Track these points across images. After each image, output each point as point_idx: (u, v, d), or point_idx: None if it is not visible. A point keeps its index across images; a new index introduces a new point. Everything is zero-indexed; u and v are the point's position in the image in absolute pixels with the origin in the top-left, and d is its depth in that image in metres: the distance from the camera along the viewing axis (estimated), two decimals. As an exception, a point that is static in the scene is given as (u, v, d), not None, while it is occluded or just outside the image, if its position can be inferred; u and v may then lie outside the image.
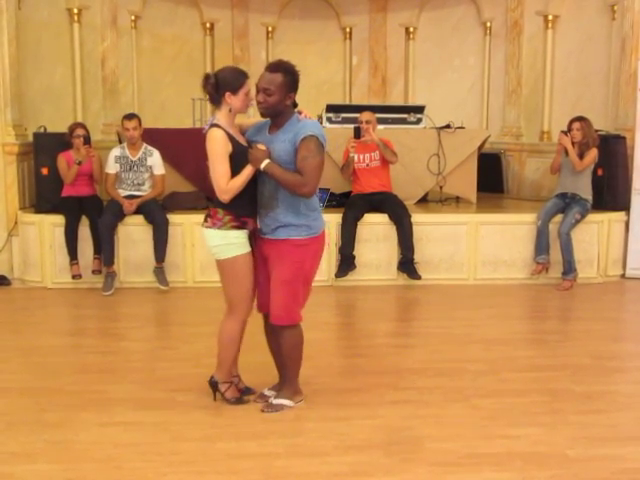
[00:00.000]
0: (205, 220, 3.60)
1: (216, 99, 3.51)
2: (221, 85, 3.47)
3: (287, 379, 3.74)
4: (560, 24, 8.27)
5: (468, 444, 3.34)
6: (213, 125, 3.48)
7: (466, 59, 9.15)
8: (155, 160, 6.44)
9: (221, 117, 3.52)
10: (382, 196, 6.55)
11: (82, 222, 6.26)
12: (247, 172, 3.45)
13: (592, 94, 7.87)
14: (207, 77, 3.50)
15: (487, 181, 7.97)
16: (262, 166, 3.41)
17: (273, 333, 3.69)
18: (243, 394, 3.81)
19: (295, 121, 3.48)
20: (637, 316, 5.89)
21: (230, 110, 3.50)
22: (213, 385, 3.76)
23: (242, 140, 3.56)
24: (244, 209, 3.54)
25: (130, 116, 6.40)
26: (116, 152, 6.41)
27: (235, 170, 3.45)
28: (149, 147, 6.45)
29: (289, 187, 3.41)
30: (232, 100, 3.48)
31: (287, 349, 3.64)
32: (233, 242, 3.52)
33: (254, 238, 3.62)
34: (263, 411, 3.65)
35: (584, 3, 8.02)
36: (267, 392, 3.85)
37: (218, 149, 3.44)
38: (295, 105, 3.51)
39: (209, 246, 3.60)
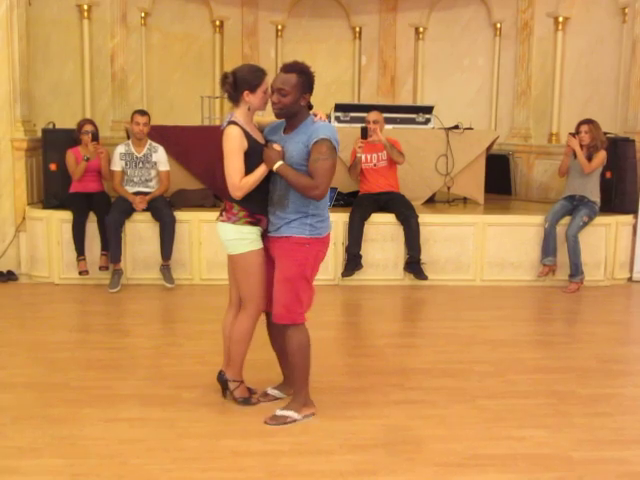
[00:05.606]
0: (220, 214, 3.60)
1: (235, 97, 3.52)
2: (239, 83, 3.48)
3: (295, 389, 3.63)
4: (570, 26, 8.26)
5: (473, 445, 3.34)
6: (231, 122, 3.49)
7: (475, 60, 9.15)
8: (160, 156, 6.45)
9: (239, 115, 3.52)
10: (389, 196, 6.55)
11: (90, 218, 6.27)
12: (261, 171, 3.46)
13: (601, 97, 7.86)
14: (225, 76, 3.51)
15: (495, 182, 7.97)
16: (275, 167, 3.41)
17: (279, 334, 3.63)
18: (252, 394, 3.78)
19: (309, 123, 3.46)
20: (644, 319, 5.89)
21: (249, 108, 3.52)
22: (223, 382, 3.73)
23: (260, 138, 3.57)
24: (258, 207, 3.53)
25: (142, 112, 6.45)
26: (121, 149, 6.42)
27: (250, 168, 3.46)
28: (154, 143, 6.47)
29: (299, 189, 3.40)
30: (250, 98, 3.50)
31: (291, 352, 3.54)
32: (246, 237, 3.52)
33: (265, 238, 3.60)
34: (266, 423, 3.52)
35: (595, 5, 8.01)
36: (270, 391, 3.84)
37: (234, 146, 3.44)
38: (310, 107, 3.50)
39: (223, 239, 3.60)
